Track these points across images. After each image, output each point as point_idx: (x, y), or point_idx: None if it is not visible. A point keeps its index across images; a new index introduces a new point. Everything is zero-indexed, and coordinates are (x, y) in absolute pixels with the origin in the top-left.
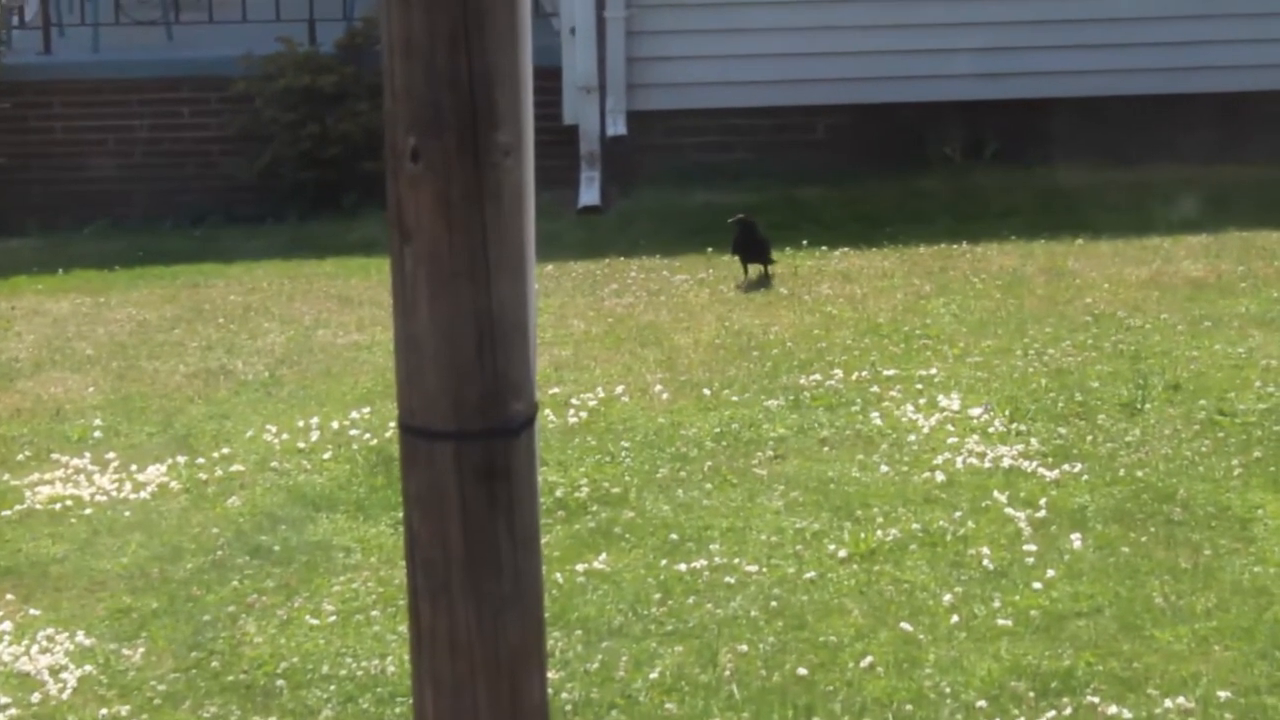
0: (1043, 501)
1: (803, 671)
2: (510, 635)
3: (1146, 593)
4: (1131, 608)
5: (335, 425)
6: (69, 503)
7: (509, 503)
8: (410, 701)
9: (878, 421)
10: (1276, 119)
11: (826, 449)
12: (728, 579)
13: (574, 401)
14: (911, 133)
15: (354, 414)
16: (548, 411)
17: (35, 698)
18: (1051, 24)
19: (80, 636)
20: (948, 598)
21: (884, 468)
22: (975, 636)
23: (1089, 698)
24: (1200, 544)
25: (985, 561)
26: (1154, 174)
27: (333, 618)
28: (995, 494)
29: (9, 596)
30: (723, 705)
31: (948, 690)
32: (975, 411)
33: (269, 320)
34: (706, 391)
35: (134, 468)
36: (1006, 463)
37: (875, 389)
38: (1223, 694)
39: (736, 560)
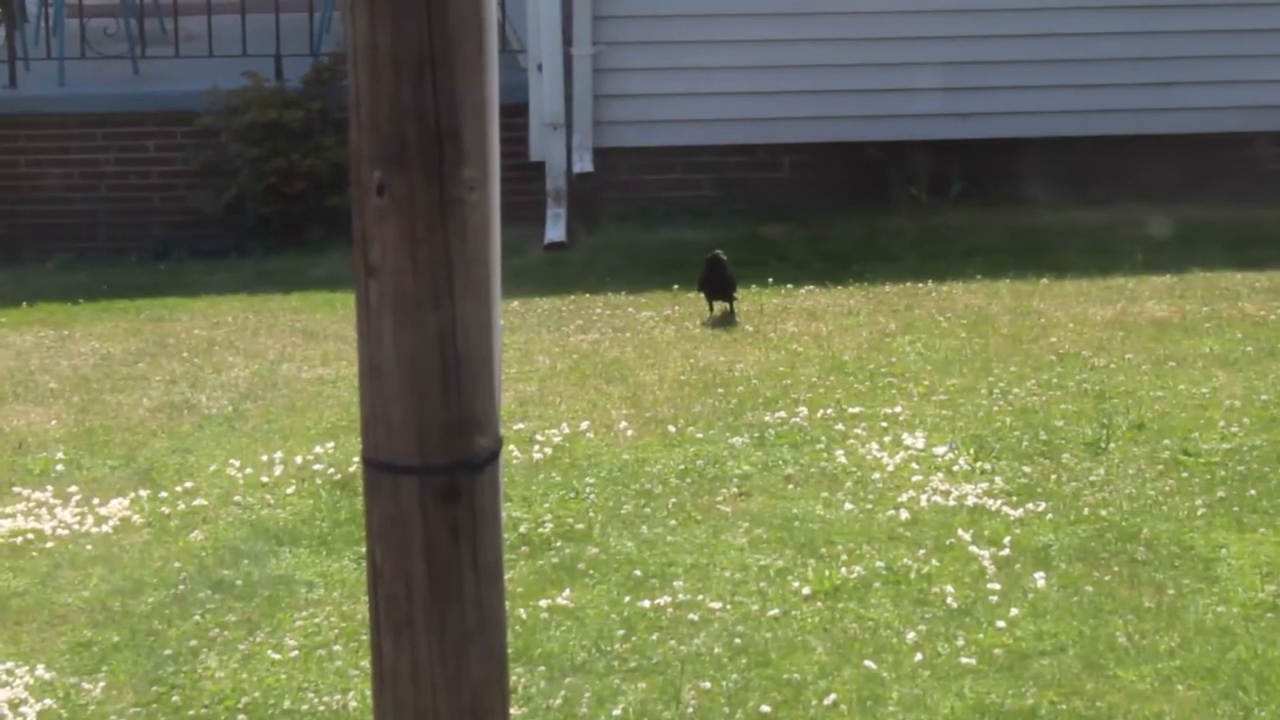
0: (1007, 540)
1: (766, 709)
2: (473, 670)
3: (1110, 632)
4: (1095, 647)
5: (299, 460)
6: (30, 536)
7: (472, 537)
8: None
9: (842, 459)
10: (1241, 161)
11: (791, 486)
12: (691, 616)
13: (539, 437)
14: (877, 171)
15: (318, 448)
16: (512, 447)
17: None
18: (1018, 64)
19: (40, 670)
20: (911, 636)
21: (848, 505)
22: (939, 675)
23: None
24: (1164, 583)
25: (949, 600)
26: (1119, 214)
27: (295, 652)
28: (959, 532)
29: None
30: None
31: None
32: (940, 450)
33: (233, 354)
34: (671, 428)
35: (96, 501)
36: (971, 501)
37: (840, 427)
38: None
39: (700, 597)
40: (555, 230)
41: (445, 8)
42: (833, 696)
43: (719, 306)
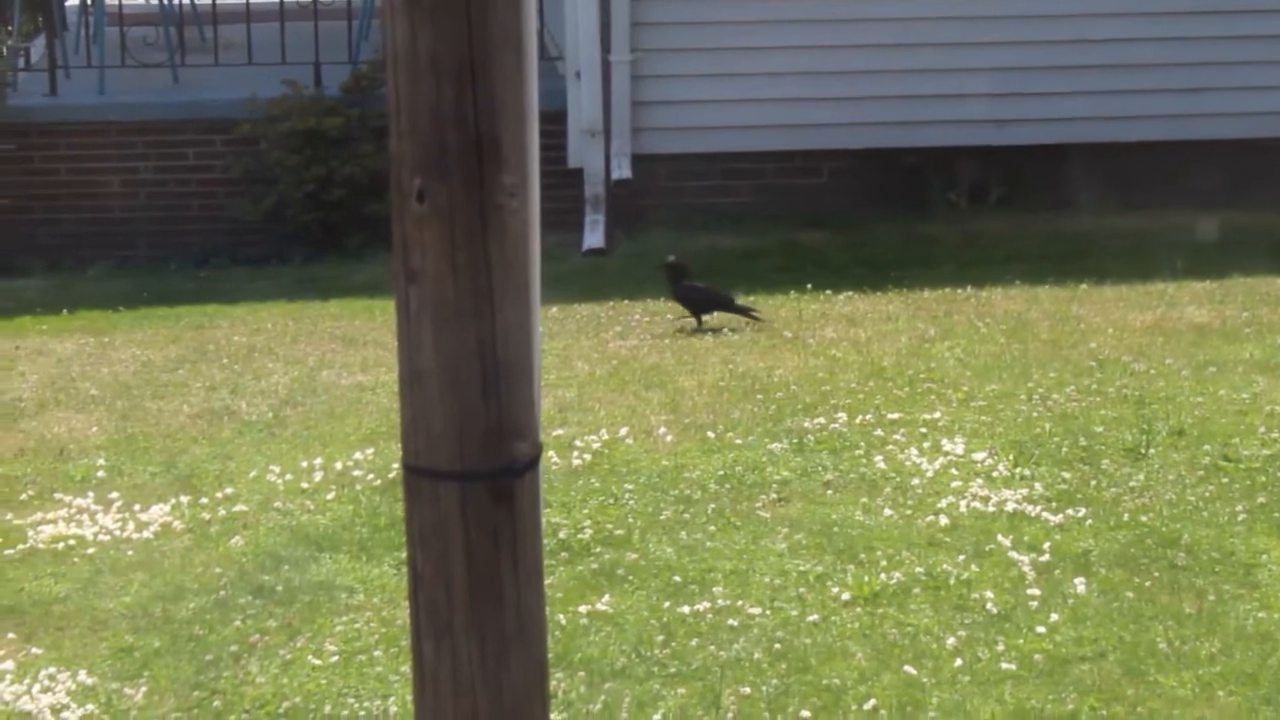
0: (1047, 546)
1: (806, 714)
2: (514, 676)
3: (1150, 638)
4: (1135, 652)
5: (339, 466)
6: (72, 542)
7: (513, 543)
8: None
9: (881, 465)
10: None
11: (830, 492)
12: (731, 621)
13: (578, 443)
14: (916, 177)
15: (357, 454)
16: (551, 453)
17: None
18: (1058, 70)
19: (82, 675)
20: (951, 641)
21: (888, 511)
22: (979, 680)
23: None
24: (1204, 589)
25: (989, 605)
26: (1159, 219)
27: (335, 658)
28: (999, 538)
29: (11, 635)
30: None
31: None
32: (979, 456)
33: (273, 361)
34: (710, 434)
35: (137, 507)
36: (1010, 507)
37: (879, 432)
38: None
39: (740, 603)
40: (594, 237)
41: (485, 15)
42: (872, 702)
43: (691, 318)
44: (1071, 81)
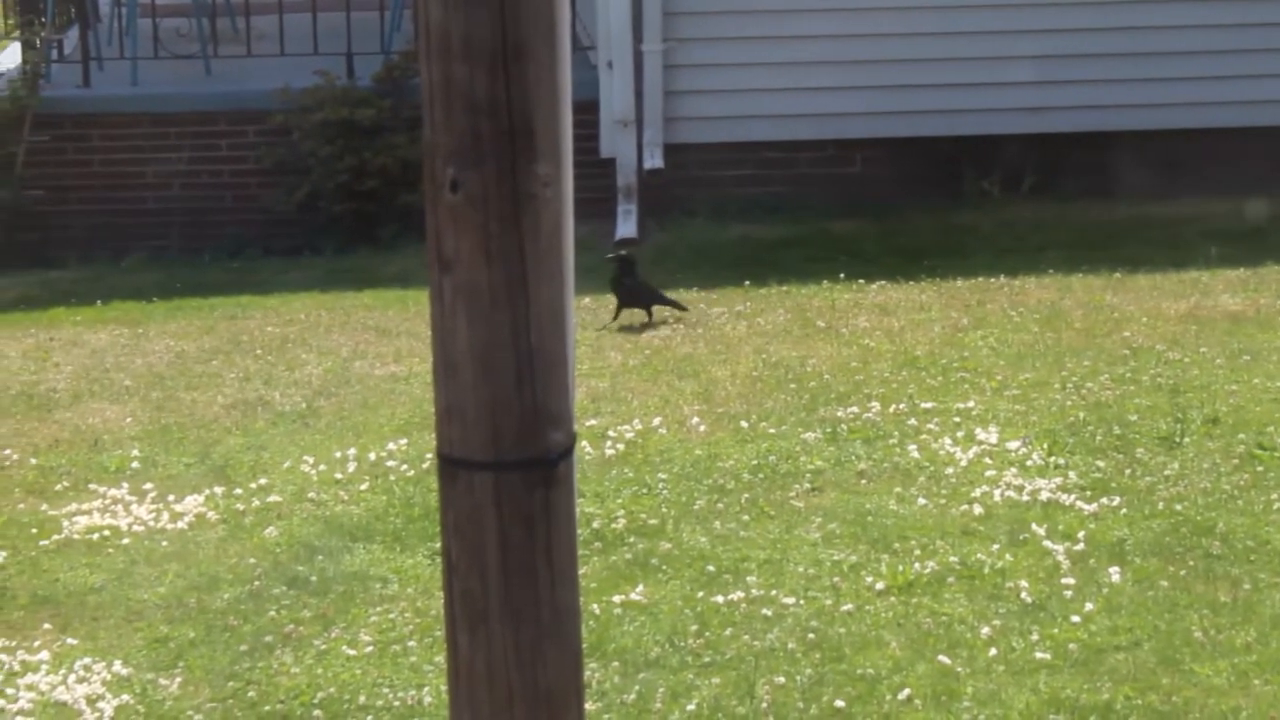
0: (1081, 535)
1: (840, 704)
2: (548, 665)
3: (1185, 626)
4: (1170, 641)
5: (372, 456)
6: (106, 533)
7: (547, 533)
8: None
9: (915, 454)
10: None
11: (864, 481)
12: (765, 611)
13: (611, 433)
14: (949, 166)
15: (391, 445)
16: (584, 443)
17: None
18: (1091, 58)
19: (117, 666)
20: (986, 630)
21: (922, 500)
22: (1013, 669)
23: None
24: (1239, 578)
25: (1023, 594)
26: (1192, 208)
27: (369, 648)
28: (1033, 527)
29: (46, 626)
30: None
31: None
32: (1013, 445)
33: (306, 352)
34: (744, 424)
35: (171, 498)
36: (1045, 496)
37: (913, 422)
38: None
39: (774, 592)
40: (626, 226)
41: (519, 4)
42: (907, 691)
43: (632, 314)
44: (1108, 70)
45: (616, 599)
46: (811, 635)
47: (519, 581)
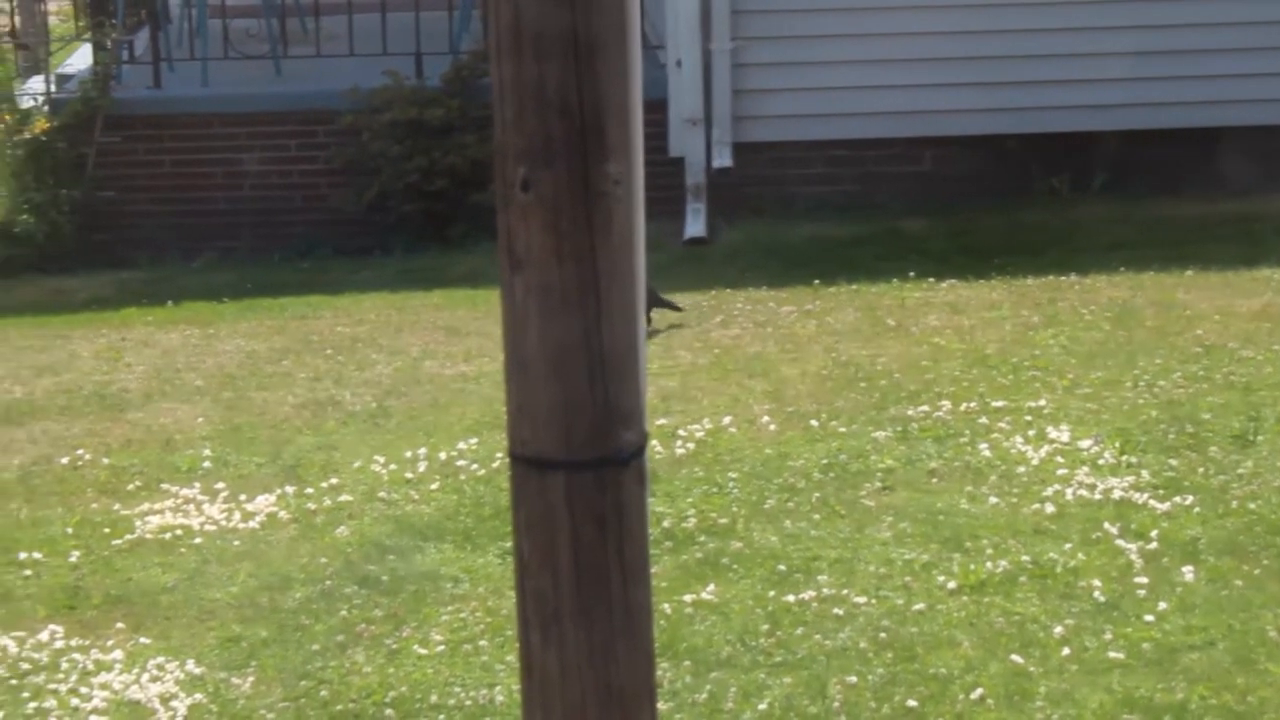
0: (1154, 534)
1: (912, 704)
2: (621, 665)
3: (1260, 626)
4: (1245, 641)
5: (443, 456)
6: (179, 532)
7: (619, 532)
8: None
9: (986, 453)
10: None
11: (935, 480)
12: (836, 610)
13: (681, 432)
14: (1018, 164)
15: (461, 444)
16: (655, 442)
17: None
18: (1159, 55)
19: (190, 665)
20: (1058, 630)
21: (993, 499)
22: (1087, 669)
23: None
24: None
25: (1096, 594)
26: (1264, 205)
27: (441, 647)
28: (1106, 526)
29: (120, 625)
30: None
31: None
32: (1085, 443)
33: (376, 351)
34: (814, 423)
35: (243, 497)
36: (1117, 495)
37: (984, 420)
38: None
39: (845, 591)
40: (695, 225)
41: (590, 3)
42: (979, 691)
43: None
44: (1173, 67)
45: (688, 598)
46: (883, 635)
47: (591, 581)
